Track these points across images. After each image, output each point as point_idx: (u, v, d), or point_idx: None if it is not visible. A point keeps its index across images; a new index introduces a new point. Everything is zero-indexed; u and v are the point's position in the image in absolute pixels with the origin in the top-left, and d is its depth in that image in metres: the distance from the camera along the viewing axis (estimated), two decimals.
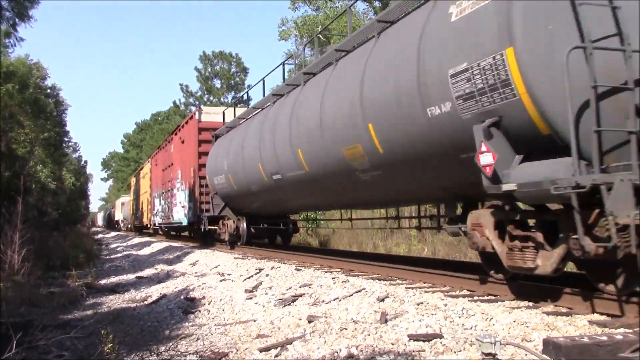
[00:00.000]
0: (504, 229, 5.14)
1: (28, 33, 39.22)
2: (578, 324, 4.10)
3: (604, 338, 3.31)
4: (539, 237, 4.71)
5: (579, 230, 4.00)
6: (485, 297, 5.47)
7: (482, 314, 4.53)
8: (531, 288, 5.29)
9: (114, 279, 11.70)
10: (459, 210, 6.66)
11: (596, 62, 3.86)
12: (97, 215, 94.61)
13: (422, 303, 5.14)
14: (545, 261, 4.61)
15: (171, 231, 25.60)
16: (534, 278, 5.10)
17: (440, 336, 4.06)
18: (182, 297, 8.01)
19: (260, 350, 4.51)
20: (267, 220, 14.71)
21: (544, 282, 5.23)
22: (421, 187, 6.82)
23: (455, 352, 3.72)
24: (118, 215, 55.63)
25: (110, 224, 67.05)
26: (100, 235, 44.74)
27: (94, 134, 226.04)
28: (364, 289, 6.20)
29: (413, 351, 3.83)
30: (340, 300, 5.92)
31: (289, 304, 6.25)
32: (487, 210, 5.44)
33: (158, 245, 22.21)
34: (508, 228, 5.04)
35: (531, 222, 4.99)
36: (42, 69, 19.72)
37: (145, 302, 8.11)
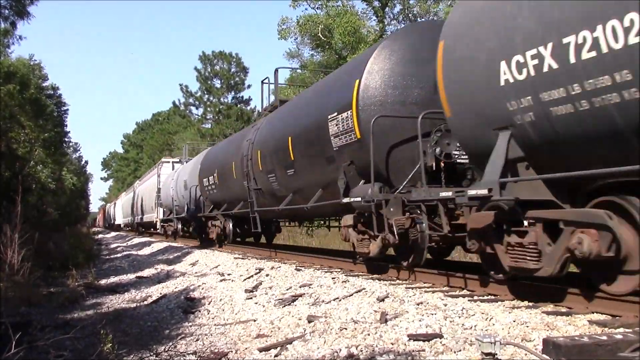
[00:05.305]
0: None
1: (29, 32, 39.24)
2: (578, 324, 4.09)
3: (604, 338, 3.30)
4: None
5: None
6: (485, 297, 5.47)
7: (482, 313, 4.53)
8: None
9: (114, 279, 11.68)
10: None
11: None
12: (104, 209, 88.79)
13: (422, 303, 5.13)
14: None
15: None
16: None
17: (440, 336, 4.05)
18: (182, 297, 8.01)
19: (260, 350, 4.51)
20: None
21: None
22: None
23: (455, 352, 3.72)
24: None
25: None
26: (100, 236, 44.71)
27: (94, 134, 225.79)
28: (364, 288, 6.20)
29: (413, 351, 3.83)
30: (340, 300, 5.91)
31: (289, 304, 6.25)
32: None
33: (158, 245, 22.20)
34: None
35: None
36: (43, 69, 19.75)
37: (145, 302, 8.10)
